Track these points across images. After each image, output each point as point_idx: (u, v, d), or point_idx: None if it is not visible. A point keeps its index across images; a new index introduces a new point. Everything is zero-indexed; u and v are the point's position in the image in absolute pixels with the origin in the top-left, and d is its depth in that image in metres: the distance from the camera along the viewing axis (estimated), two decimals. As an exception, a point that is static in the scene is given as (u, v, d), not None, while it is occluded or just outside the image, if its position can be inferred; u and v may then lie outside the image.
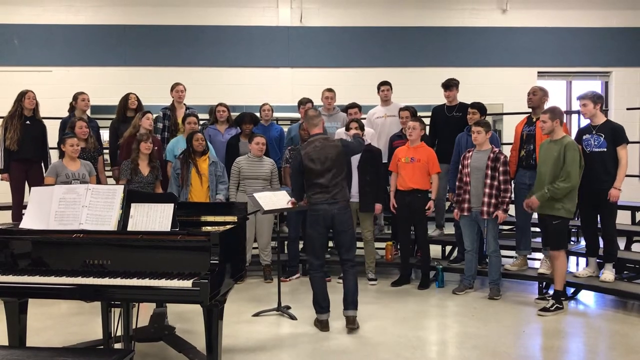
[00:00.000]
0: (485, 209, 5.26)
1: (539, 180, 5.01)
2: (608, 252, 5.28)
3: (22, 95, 5.98)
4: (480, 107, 5.77)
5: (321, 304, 4.46)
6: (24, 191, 6.00)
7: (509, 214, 5.39)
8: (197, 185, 5.76)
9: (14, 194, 6.02)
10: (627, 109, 8.21)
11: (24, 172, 6.01)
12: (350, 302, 4.46)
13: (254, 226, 5.93)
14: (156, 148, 5.89)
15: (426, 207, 5.69)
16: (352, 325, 4.41)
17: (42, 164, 6.12)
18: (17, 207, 5.94)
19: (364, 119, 6.70)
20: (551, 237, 4.96)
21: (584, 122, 5.35)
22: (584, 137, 5.17)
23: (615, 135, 5.03)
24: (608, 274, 5.19)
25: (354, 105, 6.53)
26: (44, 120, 6.22)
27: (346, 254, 4.54)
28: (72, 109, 6.45)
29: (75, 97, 6.38)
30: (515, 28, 9.47)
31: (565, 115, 8.53)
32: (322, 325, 4.44)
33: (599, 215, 5.29)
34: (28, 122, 5.99)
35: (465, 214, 5.41)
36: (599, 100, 5.14)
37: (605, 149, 5.03)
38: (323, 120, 5.10)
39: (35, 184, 4.78)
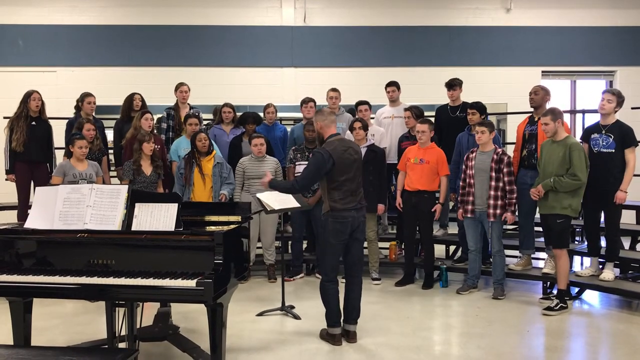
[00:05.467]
0: (491, 211, 5.25)
1: (541, 179, 4.98)
2: (610, 251, 5.27)
3: (28, 96, 5.99)
4: (479, 107, 5.74)
5: (334, 318, 4.18)
6: (29, 191, 6.03)
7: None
8: (200, 186, 5.77)
9: (19, 194, 6.04)
10: (632, 108, 8.16)
11: (29, 172, 6.03)
12: (355, 316, 4.24)
13: (258, 226, 5.93)
14: (159, 147, 5.90)
15: (432, 210, 5.68)
16: (353, 340, 4.18)
17: (48, 165, 6.14)
18: (23, 207, 5.97)
19: (373, 118, 6.70)
20: (555, 236, 4.95)
21: (588, 121, 5.32)
22: (592, 136, 5.13)
23: (624, 137, 4.99)
24: (608, 273, 5.18)
25: (363, 102, 6.47)
26: (49, 121, 6.23)
27: (358, 264, 4.26)
28: (78, 108, 6.45)
29: (82, 99, 6.36)
30: (519, 27, 9.43)
31: (570, 114, 8.58)
32: (336, 339, 4.15)
33: (602, 215, 5.27)
34: (34, 122, 6.01)
35: (469, 215, 5.41)
36: (622, 103, 5.09)
37: (613, 150, 5.00)
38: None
39: (40, 185, 4.79)
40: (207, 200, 5.71)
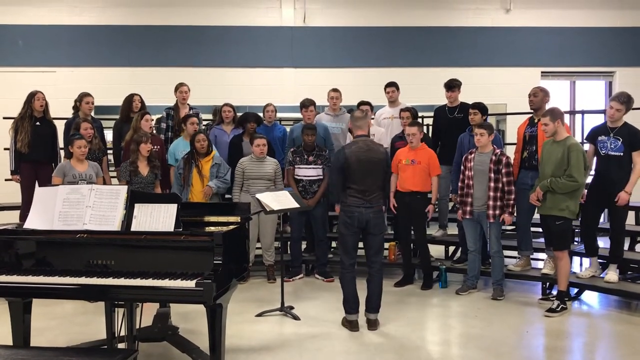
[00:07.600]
0: (490, 212, 5.25)
1: (541, 179, 4.98)
2: (614, 253, 5.26)
3: (32, 96, 5.99)
4: (481, 108, 5.74)
5: (351, 304, 4.46)
6: (33, 192, 6.00)
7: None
8: (198, 186, 5.78)
9: (23, 194, 6.03)
10: (632, 109, 8.17)
11: (34, 172, 6.03)
12: (374, 305, 4.51)
13: (257, 226, 5.93)
14: (158, 147, 5.89)
15: (426, 210, 5.68)
16: (373, 328, 4.47)
17: (53, 165, 6.13)
18: (26, 207, 5.94)
19: (373, 118, 6.70)
20: (555, 237, 4.95)
21: (588, 122, 5.30)
22: (599, 138, 5.12)
23: (633, 140, 4.98)
24: (612, 275, 5.17)
25: (365, 103, 6.47)
26: (53, 121, 6.22)
27: (375, 256, 4.54)
28: (76, 109, 6.44)
29: (80, 99, 6.36)
30: (519, 28, 9.44)
31: (569, 115, 8.58)
32: (352, 325, 4.45)
33: (608, 216, 5.26)
34: (38, 123, 6.01)
35: (468, 216, 5.41)
36: (630, 108, 5.06)
37: (622, 153, 4.99)
38: (370, 122, 5.06)
39: (45, 185, 4.79)
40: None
